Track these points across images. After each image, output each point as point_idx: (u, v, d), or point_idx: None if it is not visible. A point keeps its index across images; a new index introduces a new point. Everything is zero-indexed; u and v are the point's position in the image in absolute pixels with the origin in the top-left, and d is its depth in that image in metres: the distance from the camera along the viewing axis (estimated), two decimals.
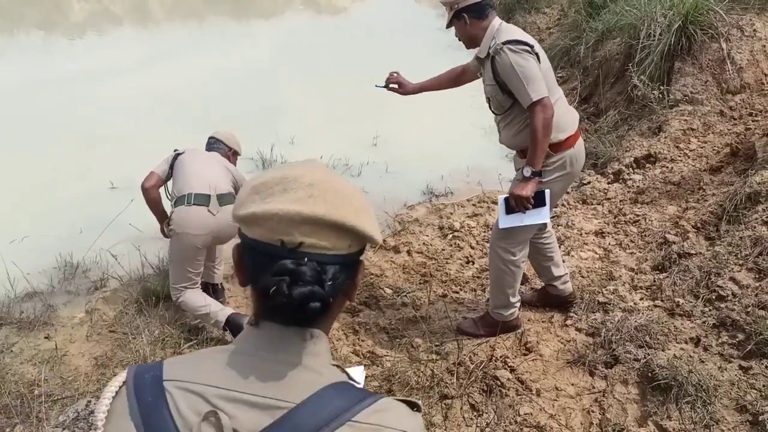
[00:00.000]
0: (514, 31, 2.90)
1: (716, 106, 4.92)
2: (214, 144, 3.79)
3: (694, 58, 5.24)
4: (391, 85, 3.45)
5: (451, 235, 4.46)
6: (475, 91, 7.63)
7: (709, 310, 3.18)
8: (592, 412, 2.86)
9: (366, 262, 3.98)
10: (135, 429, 0.88)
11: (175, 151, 3.58)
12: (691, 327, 3.12)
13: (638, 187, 4.56)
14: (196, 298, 3.31)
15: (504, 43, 2.80)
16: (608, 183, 4.81)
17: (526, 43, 2.82)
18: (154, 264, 4.03)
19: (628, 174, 4.78)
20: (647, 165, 4.77)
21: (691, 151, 4.66)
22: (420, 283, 3.91)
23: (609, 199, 4.57)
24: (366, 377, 3.15)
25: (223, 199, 3.31)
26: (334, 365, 0.99)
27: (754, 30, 5.21)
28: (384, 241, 4.43)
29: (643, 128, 5.13)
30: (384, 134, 6.11)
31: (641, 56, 5.37)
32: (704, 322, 3.13)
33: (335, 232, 0.92)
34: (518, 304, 3.30)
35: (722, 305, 3.14)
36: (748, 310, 3.02)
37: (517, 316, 3.31)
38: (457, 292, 3.83)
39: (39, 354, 3.30)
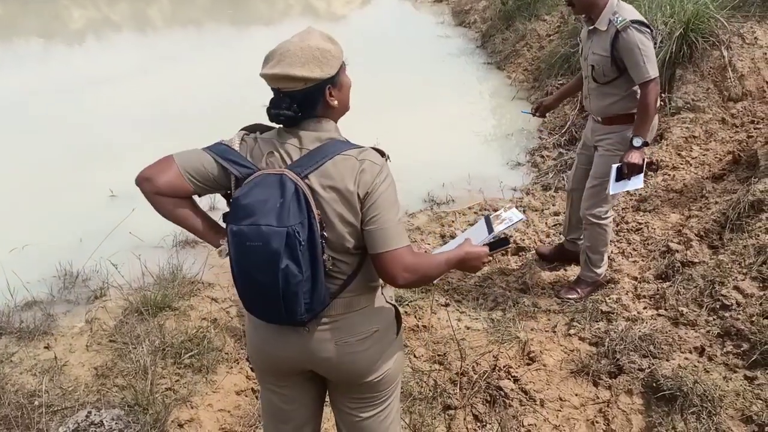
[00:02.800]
0: (635, 12, 3.18)
1: (718, 114, 4.92)
2: None
3: (695, 65, 5.24)
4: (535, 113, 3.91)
5: None
6: (475, 99, 7.68)
7: (714, 319, 3.17)
8: (597, 422, 2.84)
9: None
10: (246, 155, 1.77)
11: None
12: (695, 336, 3.10)
13: (640, 194, 4.54)
14: None
15: (632, 22, 3.08)
16: None
17: (649, 27, 3.15)
18: (154, 273, 4.01)
19: None
20: (649, 173, 4.75)
21: (693, 158, 4.65)
22: (422, 292, 3.88)
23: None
24: None
25: None
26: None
27: (755, 38, 5.21)
28: None
29: None
30: (384, 142, 5.97)
31: None
32: (708, 332, 3.11)
33: (288, 80, 1.66)
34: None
35: (726, 314, 3.12)
36: (753, 319, 3.00)
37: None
38: (459, 301, 3.81)
39: (39, 364, 3.27)
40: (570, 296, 3.68)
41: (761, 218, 3.53)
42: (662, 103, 5.15)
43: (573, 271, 3.92)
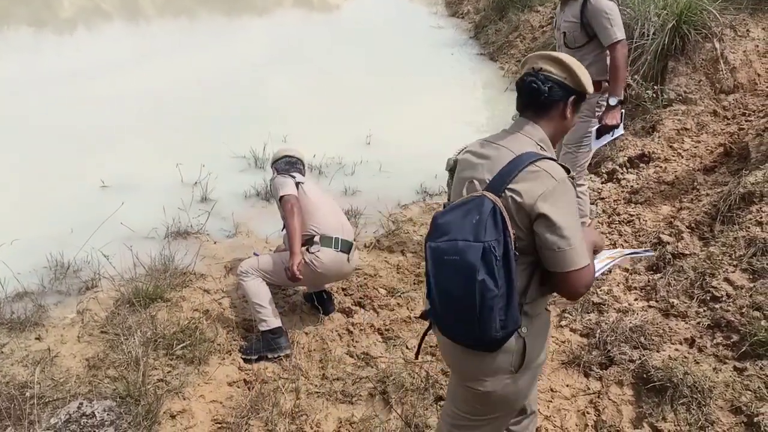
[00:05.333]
0: None
1: (710, 106, 4.93)
2: (296, 164, 3.69)
3: (687, 57, 5.25)
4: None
5: None
6: (468, 90, 7.66)
7: (704, 310, 3.18)
8: (587, 413, 2.85)
9: (360, 262, 3.96)
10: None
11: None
12: (685, 328, 3.12)
13: (632, 186, 4.56)
14: (261, 289, 3.36)
15: None
16: (602, 183, 4.81)
17: None
18: (146, 264, 3.99)
19: (622, 174, 4.78)
20: (641, 165, 4.77)
21: (684, 150, 4.66)
22: (414, 284, 3.89)
23: (603, 198, 4.57)
24: (360, 378, 3.14)
25: (353, 247, 3.53)
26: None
27: (747, 30, 5.22)
28: (378, 241, 4.42)
29: (637, 128, 5.14)
30: (377, 133, 6.08)
31: (635, 55, 5.37)
32: (699, 323, 3.13)
33: (557, 64, 1.88)
34: None
35: (717, 306, 3.14)
36: (743, 311, 3.02)
37: None
38: None
39: (30, 355, 3.26)
40: None
41: (752, 210, 3.54)
42: (654, 94, 5.16)
43: None
